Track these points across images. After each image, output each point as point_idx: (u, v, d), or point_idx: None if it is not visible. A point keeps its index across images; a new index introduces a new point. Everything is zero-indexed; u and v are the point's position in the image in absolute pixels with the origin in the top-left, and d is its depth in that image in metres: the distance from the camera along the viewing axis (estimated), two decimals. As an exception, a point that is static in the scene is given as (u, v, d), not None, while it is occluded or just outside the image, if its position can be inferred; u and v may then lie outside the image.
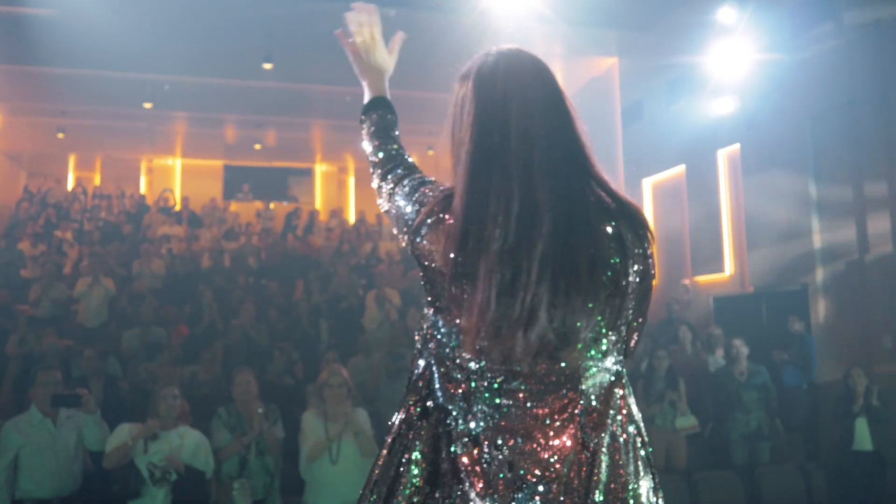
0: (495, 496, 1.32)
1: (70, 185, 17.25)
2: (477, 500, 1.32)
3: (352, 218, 17.40)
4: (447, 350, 1.42)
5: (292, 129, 15.96)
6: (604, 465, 1.35)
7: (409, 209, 1.53)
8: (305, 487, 4.78)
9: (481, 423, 1.37)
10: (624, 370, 1.47)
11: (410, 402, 1.46)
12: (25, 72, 11.65)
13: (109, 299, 9.89)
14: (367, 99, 1.87)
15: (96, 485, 4.89)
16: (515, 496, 1.32)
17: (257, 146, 16.79)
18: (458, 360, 1.40)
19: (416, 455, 1.40)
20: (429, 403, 1.43)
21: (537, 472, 1.33)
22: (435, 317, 1.45)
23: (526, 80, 1.46)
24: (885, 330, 7.72)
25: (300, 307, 10.17)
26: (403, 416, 1.46)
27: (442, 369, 1.43)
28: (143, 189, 17.60)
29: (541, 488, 1.33)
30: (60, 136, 14.92)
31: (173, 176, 17.71)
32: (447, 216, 1.41)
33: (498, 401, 1.37)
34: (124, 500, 4.38)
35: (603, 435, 1.37)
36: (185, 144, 16.82)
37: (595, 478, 1.34)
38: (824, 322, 8.46)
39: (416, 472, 1.38)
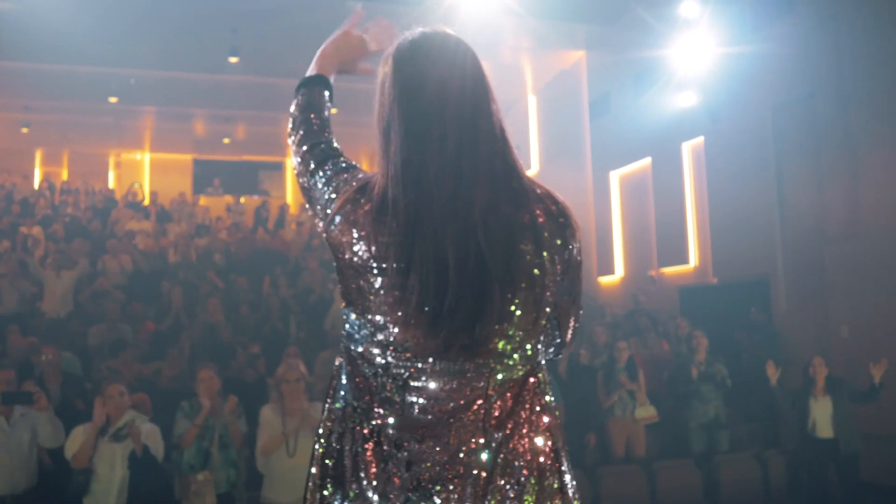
0: (391, 496, 1.31)
1: (37, 180, 17.03)
2: (374, 499, 1.31)
3: (324, 212, 17.37)
4: (355, 345, 1.40)
5: (262, 123, 15.89)
6: (504, 467, 1.33)
7: (325, 195, 1.45)
8: (263, 481, 4.80)
9: (386, 421, 1.35)
10: (541, 365, 1.44)
11: (327, 400, 1.44)
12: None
13: (73, 292, 9.82)
14: (310, 73, 1.73)
15: (53, 481, 4.87)
16: (411, 496, 1.30)
17: (226, 140, 16.70)
18: (366, 356, 1.37)
19: (321, 451, 1.40)
20: (338, 402, 1.41)
21: (435, 471, 1.31)
22: (346, 311, 1.42)
23: (445, 60, 1.40)
24: (842, 320, 7.87)
25: (270, 302, 10.13)
26: (322, 415, 1.45)
27: (349, 367, 1.41)
28: (111, 184, 17.42)
29: (437, 488, 1.31)
30: (25, 130, 14.74)
31: (142, 171, 17.56)
32: (363, 206, 1.35)
33: (403, 398, 1.34)
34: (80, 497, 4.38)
35: (508, 435, 1.35)
36: (154, 139, 16.69)
37: (493, 481, 1.32)
38: (786, 312, 8.60)
39: (320, 469, 1.38)
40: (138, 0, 9.48)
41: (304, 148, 1.56)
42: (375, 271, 1.32)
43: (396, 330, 1.32)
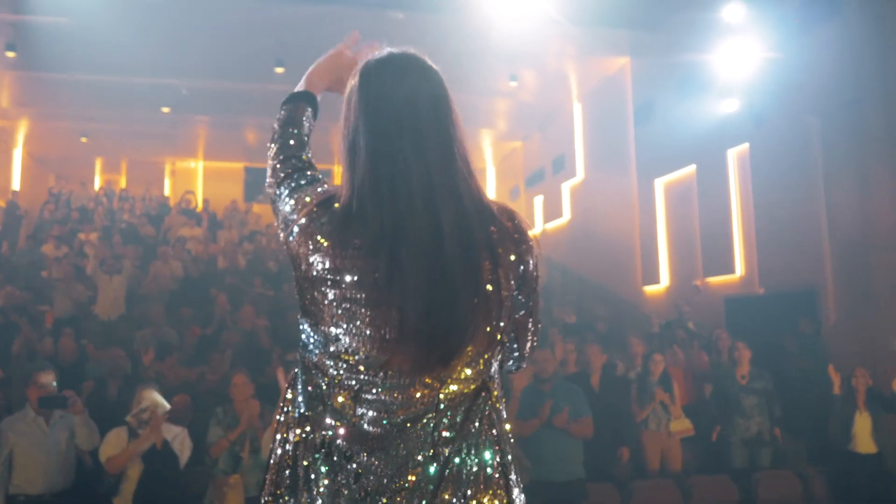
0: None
1: (97, 187, 17.63)
2: None
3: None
4: (310, 355, 1.42)
5: (312, 132, 16.12)
6: (451, 481, 1.35)
7: (287, 207, 1.48)
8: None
9: (337, 432, 1.37)
10: (494, 378, 1.45)
11: (284, 409, 1.47)
12: (48, 78, 11.96)
13: (126, 296, 10.14)
14: (299, 89, 1.82)
15: (89, 481, 5.04)
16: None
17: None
18: (320, 366, 1.40)
19: (275, 460, 1.43)
20: (293, 411, 1.44)
21: (382, 483, 1.33)
22: (302, 321, 1.44)
23: (412, 79, 1.42)
24: (893, 331, 7.60)
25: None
26: (277, 423, 1.48)
27: (304, 376, 1.43)
28: (167, 191, 17.92)
29: (384, 500, 1.33)
30: (84, 140, 15.28)
31: (196, 178, 18.02)
32: (323, 219, 1.38)
33: (354, 410, 1.37)
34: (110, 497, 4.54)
35: (456, 448, 1.36)
36: (207, 147, 17.09)
37: (440, 494, 1.34)
38: (834, 324, 8.34)
39: (274, 477, 1.42)
40: (187, 14, 9.74)
41: (277, 161, 1.61)
42: (330, 283, 1.34)
43: (349, 341, 1.34)
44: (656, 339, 8.10)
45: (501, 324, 1.39)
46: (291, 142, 1.66)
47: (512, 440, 1.47)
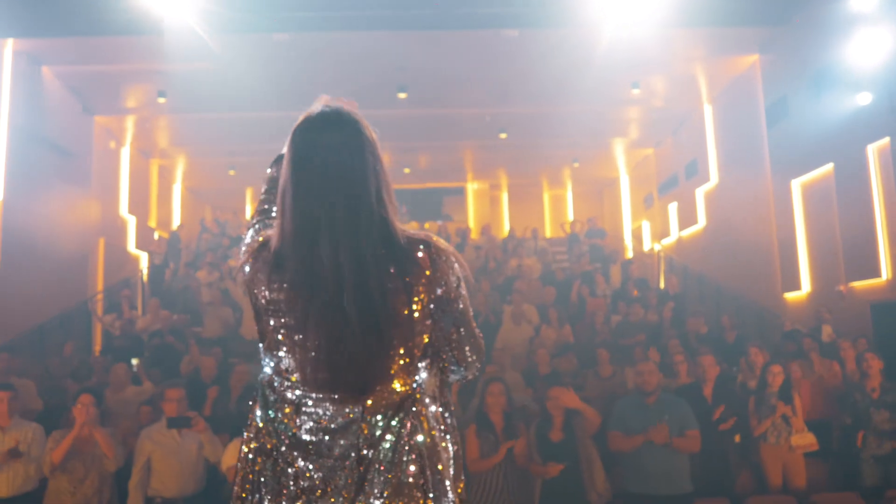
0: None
1: (248, 216, 18.96)
2: None
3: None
4: (265, 376, 1.67)
5: (440, 152, 16.58)
6: (374, 486, 1.53)
7: (244, 247, 1.76)
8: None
9: (282, 440, 1.60)
10: (422, 391, 1.63)
11: (248, 421, 1.71)
12: (196, 119, 13.10)
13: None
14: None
15: (220, 487, 5.49)
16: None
17: (406, 170, 17.59)
18: (272, 383, 1.65)
19: (240, 465, 1.66)
20: (253, 422, 1.68)
21: (314, 485, 1.55)
22: (260, 345, 1.69)
23: (330, 131, 1.63)
24: None
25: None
26: (243, 435, 1.72)
27: (262, 394, 1.67)
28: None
29: (318, 493, 1.54)
30: (232, 172, 16.50)
31: (336, 202, 18.92)
32: (263, 258, 1.63)
33: (295, 420, 1.60)
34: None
35: (379, 457, 1.55)
36: (345, 172, 17.92)
37: (362, 492, 1.52)
38: None
39: (239, 481, 1.64)
40: (311, 50, 10.36)
41: (256, 211, 1.96)
42: (271, 312, 1.59)
43: (289, 362, 1.59)
44: (784, 348, 7.67)
45: (412, 344, 1.59)
46: (266, 198, 2.00)
47: (446, 447, 1.64)
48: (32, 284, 10.26)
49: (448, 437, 1.70)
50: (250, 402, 1.72)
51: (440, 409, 1.71)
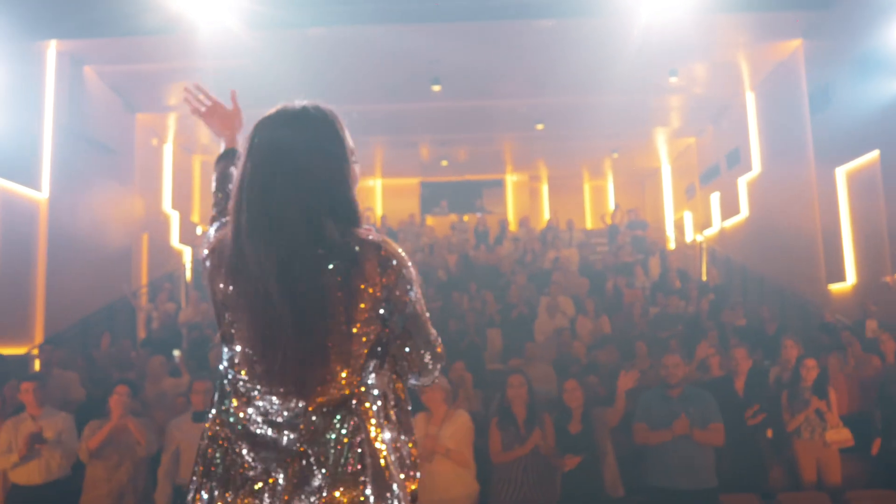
0: (226, 494, 1.61)
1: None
2: (215, 493, 1.62)
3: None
4: (221, 368, 1.73)
5: (478, 144, 16.54)
6: (312, 478, 1.56)
7: (206, 242, 1.81)
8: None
9: (235, 428, 1.65)
10: (365, 386, 1.65)
11: (206, 412, 1.79)
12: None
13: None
14: (222, 149, 2.24)
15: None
16: (240, 492, 1.60)
17: (444, 163, 17.60)
18: (227, 374, 1.71)
19: (200, 450, 1.71)
20: (212, 411, 1.73)
21: (258, 474, 1.59)
22: (220, 338, 1.74)
23: (287, 126, 1.69)
24: None
25: (468, 317, 10.56)
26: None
27: (219, 385, 1.73)
28: (352, 209, 19.07)
29: (258, 486, 1.59)
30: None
31: (375, 196, 19.05)
32: (218, 256, 1.70)
33: (246, 411, 1.65)
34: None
35: (320, 446, 1.59)
36: (384, 165, 18.03)
37: (303, 484, 1.56)
38: None
39: (199, 464, 1.69)
40: (343, 44, 10.43)
41: (213, 207, 2.05)
42: (226, 307, 1.65)
43: (240, 357, 1.65)
44: (820, 340, 7.48)
45: (356, 345, 1.62)
46: (220, 195, 2.08)
47: (395, 446, 1.68)
48: (78, 279, 10.55)
49: (402, 436, 1.74)
50: (214, 394, 1.76)
51: (392, 408, 1.74)
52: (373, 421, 1.65)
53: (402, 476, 1.68)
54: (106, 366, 9.13)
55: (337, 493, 1.55)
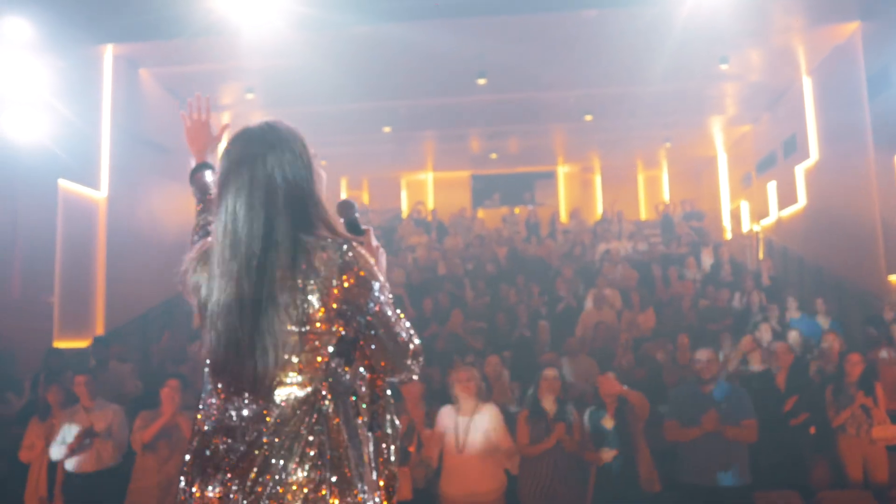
0: (196, 482, 1.72)
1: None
2: (193, 482, 1.73)
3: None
4: (206, 364, 1.83)
5: (528, 136, 16.46)
6: (267, 462, 1.66)
7: (193, 251, 1.92)
8: (440, 474, 5.20)
9: (210, 423, 1.77)
10: (328, 384, 1.73)
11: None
12: (283, 114, 13.18)
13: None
14: (193, 164, 2.39)
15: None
16: (210, 480, 1.71)
17: (493, 155, 17.56)
18: (208, 374, 1.82)
19: (189, 444, 1.82)
20: (198, 408, 1.85)
21: (226, 465, 1.69)
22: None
23: (254, 140, 1.80)
24: None
25: (518, 309, 10.55)
26: None
27: (205, 383, 1.84)
28: (403, 203, 19.26)
29: (228, 475, 1.69)
30: (324, 163, 16.90)
31: (426, 189, 19.15)
32: (197, 265, 1.85)
33: (223, 408, 1.76)
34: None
35: (280, 444, 1.68)
36: (436, 159, 18.11)
37: (261, 475, 1.66)
38: None
39: (185, 457, 1.81)
40: (388, 41, 10.50)
41: (196, 218, 2.23)
42: (204, 309, 1.78)
43: (211, 358, 1.77)
44: (868, 334, 7.24)
45: (317, 343, 1.71)
46: (201, 206, 2.28)
47: (360, 442, 1.76)
48: (137, 275, 10.94)
49: (376, 431, 1.83)
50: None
51: (362, 404, 1.81)
52: (335, 417, 1.72)
53: (371, 469, 1.77)
54: (162, 360, 9.46)
55: (295, 487, 1.65)
